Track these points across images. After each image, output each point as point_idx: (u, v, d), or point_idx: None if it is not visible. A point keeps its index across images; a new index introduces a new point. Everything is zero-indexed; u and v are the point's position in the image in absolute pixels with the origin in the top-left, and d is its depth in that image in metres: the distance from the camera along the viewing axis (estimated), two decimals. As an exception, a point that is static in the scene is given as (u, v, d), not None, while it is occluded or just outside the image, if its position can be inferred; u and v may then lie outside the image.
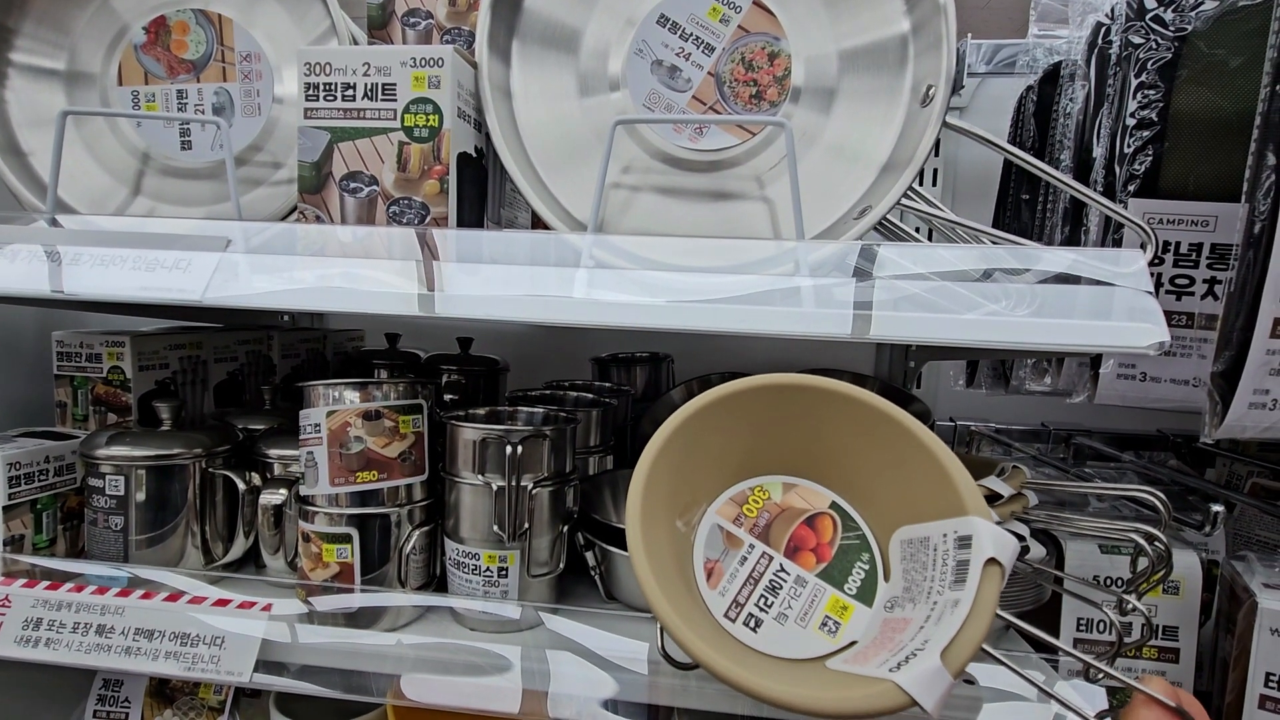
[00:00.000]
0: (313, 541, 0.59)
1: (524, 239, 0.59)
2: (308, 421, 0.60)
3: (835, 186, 0.62)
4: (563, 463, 0.63)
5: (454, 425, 0.61)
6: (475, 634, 0.61)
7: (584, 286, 0.56)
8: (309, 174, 0.58)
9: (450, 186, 0.57)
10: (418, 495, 0.62)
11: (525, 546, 0.60)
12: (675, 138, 0.64)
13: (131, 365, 0.75)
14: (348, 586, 0.59)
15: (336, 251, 0.56)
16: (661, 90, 0.63)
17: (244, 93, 0.69)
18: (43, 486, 0.66)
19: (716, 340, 1.11)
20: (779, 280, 0.55)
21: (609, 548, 0.63)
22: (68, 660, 0.58)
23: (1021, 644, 0.60)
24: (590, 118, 0.64)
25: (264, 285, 0.55)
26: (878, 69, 0.62)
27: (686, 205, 0.65)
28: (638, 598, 0.65)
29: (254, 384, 0.92)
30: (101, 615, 0.59)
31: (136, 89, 0.69)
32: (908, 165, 0.57)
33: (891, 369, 1.06)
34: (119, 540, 0.64)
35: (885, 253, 0.54)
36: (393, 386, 0.61)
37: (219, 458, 0.69)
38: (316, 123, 0.57)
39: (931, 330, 0.52)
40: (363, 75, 0.56)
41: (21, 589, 0.60)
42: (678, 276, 0.56)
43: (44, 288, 0.55)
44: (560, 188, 0.64)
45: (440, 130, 0.56)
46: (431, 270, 0.56)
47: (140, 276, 0.55)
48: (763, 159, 0.64)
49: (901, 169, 0.58)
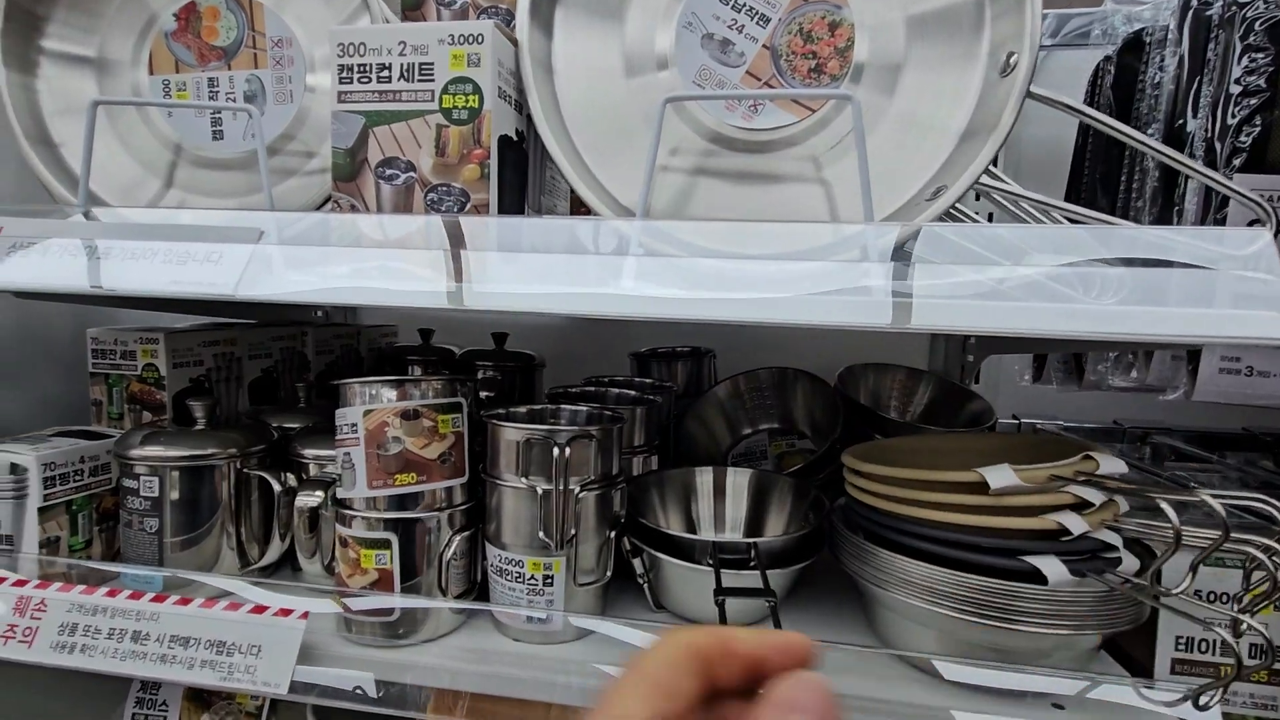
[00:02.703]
0: (350, 547, 0.56)
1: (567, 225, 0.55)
2: (344, 421, 0.57)
3: (903, 167, 0.57)
4: (610, 464, 0.60)
5: (496, 425, 0.58)
6: (519, 644, 0.58)
7: (633, 276, 0.52)
8: (343, 161, 0.55)
9: (491, 171, 0.53)
10: (458, 499, 0.59)
11: (572, 553, 0.57)
12: (728, 116, 0.59)
13: (165, 362, 0.73)
14: (386, 595, 0.56)
15: (373, 242, 0.53)
16: (713, 66, 0.59)
17: (276, 79, 0.67)
18: (78, 487, 0.64)
19: (760, 333, 1.06)
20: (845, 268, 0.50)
21: (659, 554, 0.60)
22: (103, 668, 0.56)
23: (1114, 666, 0.55)
24: (636, 98, 0.60)
25: (298, 279, 0.52)
26: (950, 36, 0.56)
27: (738, 188, 0.61)
28: (689, 607, 0.61)
29: (289, 381, 0.91)
30: (137, 621, 0.57)
31: (167, 78, 0.67)
32: (986, 142, 0.52)
33: (948, 363, 1.00)
34: (154, 543, 0.63)
35: (948, 234, 0.49)
36: (430, 384, 0.58)
37: (254, 458, 0.66)
38: (351, 106, 0.54)
39: (996, 320, 0.46)
40: (398, 55, 0.53)
41: (57, 593, 0.59)
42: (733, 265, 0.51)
43: (81, 283, 0.53)
44: (604, 172, 0.61)
45: (480, 112, 0.52)
46: (470, 262, 0.52)
47: (172, 270, 0.52)
48: (821, 138, 0.59)
49: (978, 146, 0.53)
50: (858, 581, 0.57)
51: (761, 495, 0.70)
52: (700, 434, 0.88)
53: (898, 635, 0.56)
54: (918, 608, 0.51)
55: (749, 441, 0.92)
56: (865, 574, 0.55)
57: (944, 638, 0.53)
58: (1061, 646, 0.50)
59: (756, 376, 0.89)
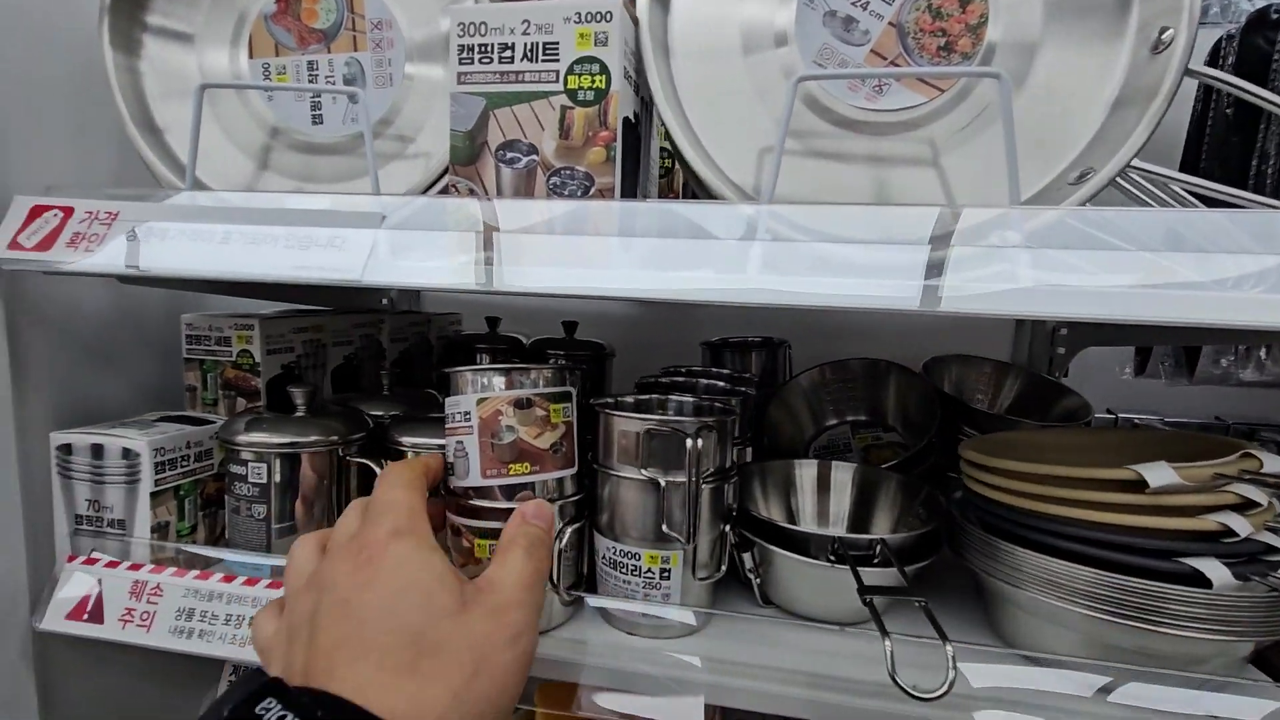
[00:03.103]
0: (464, 536, 0.56)
1: (689, 210, 0.53)
2: (456, 409, 0.56)
3: (1039, 149, 0.55)
4: (725, 456, 0.58)
5: (612, 415, 0.57)
6: (632, 638, 0.58)
7: (758, 263, 0.50)
8: (462, 144, 0.54)
9: (616, 154, 0.52)
10: (568, 489, 0.58)
11: (691, 547, 0.56)
12: (850, 97, 0.57)
13: (260, 349, 0.73)
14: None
15: (491, 227, 0.52)
16: (835, 44, 0.57)
17: (375, 62, 0.66)
18: (185, 473, 0.64)
19: (834, 323, 1.04)
20: (986, 254, 0.48)
21: (770, 547, 0.58)
22: (221, 653, 0.56)
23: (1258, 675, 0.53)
24: (753, 75, 0.58)
25: (419, 264, 0.51)
26: (1093, 10, 0.54)
27: (850, 171, 0.59)
28: (800, 603, 0.60)
29: (368, 369, 0.90)
30: (253, 607, 0.57)
31: (267, 61, 0.66)
32: (1137, 124, 0.50)
33: (1033, 355, 0.97)
34: (262, 529, 0.63)
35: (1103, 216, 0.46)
36: (541, 372, 0.57)
37: (354, 445, 0.66)
38: (470, 88, 0.53)
39: (1180, 310, 0.44)
40: (521, 34, 0.52)
41: (172, 578, 0.59)
42: (861, 250, 0.49)
43: (202, 268, 0.52)
44: (718, 154, 0.59)
45: (608, 93, 0.51)
46: (594, 248, 0.51)
47: (294, 255, 0.52)
48: (948, 121, 0.57)
49: (1127, 127, 0.50)
50: (984, 579, 0.56)
51: (866, 490, 0.68)
52: (785, 424, 0.87)
53: (1028, 635, 0.54)
54: (1059, 608, 0.49)
55: (831, 433, 0.90)
56: (997, 572, 0.54)
57: (1084, 640, 0.51)
58: (1217, 654, 0.48)
59: (846, 366, 0.87)
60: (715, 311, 1.13)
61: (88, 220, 0.56)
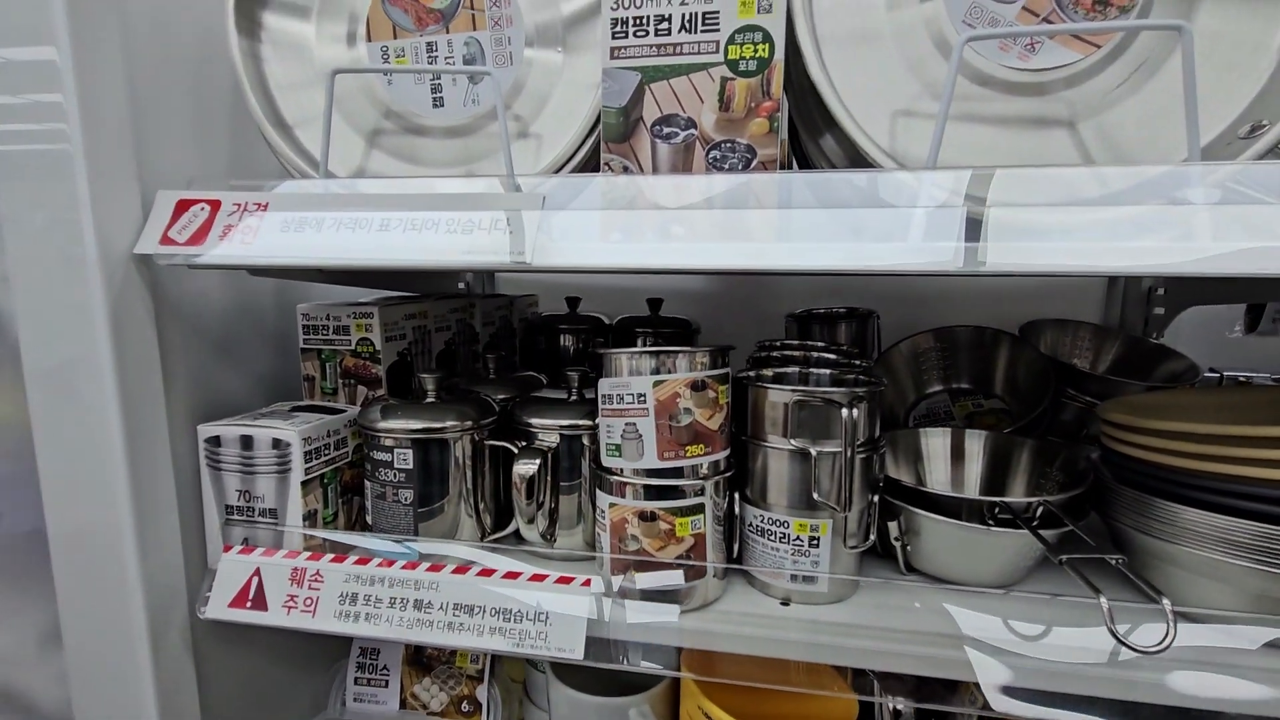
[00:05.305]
0: (660, 519, 0.56)
1: (851, 180, 0.53)
2: (626, 391, 0.56)
3: (1201, 105, 0.53)
4: (874, 427, 0.58)
5: (765, 388, 0.57)
6: (785, 608, 0.58)
7: (921, 230, 0.50)
8: (615, 120, 0.53)
9: (781, 125, 0.51)
10: (722, 466, 0.59)
11: (842, 516, 0.56)
12: (1002, 57, 0.56)
13: (380, 336, 0.73)
14: (670, 562, 0.56)
15: (648, 204, 0.52)
16: (985, 2, 0.55)
17: (494, 41, 0.64)
18: (327, 461, 0.65)
19: (921, 291, 1.03)
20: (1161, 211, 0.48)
21: (917, 511, 0.59)
22: (389, 635, 0.58)
23: None
24: (897, 31, 0.57)
25: (584, 246, 0.51)
26: (1258, -41, 0.52)
27: (999, 133, 0.58)
28: (949, 568, 0.60)
29: (463, 353, 0.91)
30: (417, 590, 0.58)
31: (385, 44, 0.65)
32: (1311, 73, 0.49)
33: (1126, 317, 0.97)
34: (409, 513, 0.63)
35: None
36: (705, 354, 0.57)
37: (486, 429, 0.67)
38: (624, 63, 0.52)
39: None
40: (679, 5, 0.51)
41: (331, 564, 0.60)
42: (1034, 213, 0.49)
43: (362, 256, 0.52)
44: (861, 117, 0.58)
45: (771, 62, 0.50)
46: (755, 221, 0.50)
47: (458, 240, 0.51)
48: (1101, 80, 0.56)
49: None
50: (1136, 537, 0.56)
51: (998, 457, 0.69)
52: (885, 391, 0.87)
53: (1181, 590, 0.55)
54: (1222, 562, 0.50)
55: (930, 401, 0.90)
56: (1152, 529, 0.54)
57: (1240, 592, 0.52)
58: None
59: (951, 334, 0.86)
60: (796, 284, 1.12)
61: (237, 212, 0.55)
